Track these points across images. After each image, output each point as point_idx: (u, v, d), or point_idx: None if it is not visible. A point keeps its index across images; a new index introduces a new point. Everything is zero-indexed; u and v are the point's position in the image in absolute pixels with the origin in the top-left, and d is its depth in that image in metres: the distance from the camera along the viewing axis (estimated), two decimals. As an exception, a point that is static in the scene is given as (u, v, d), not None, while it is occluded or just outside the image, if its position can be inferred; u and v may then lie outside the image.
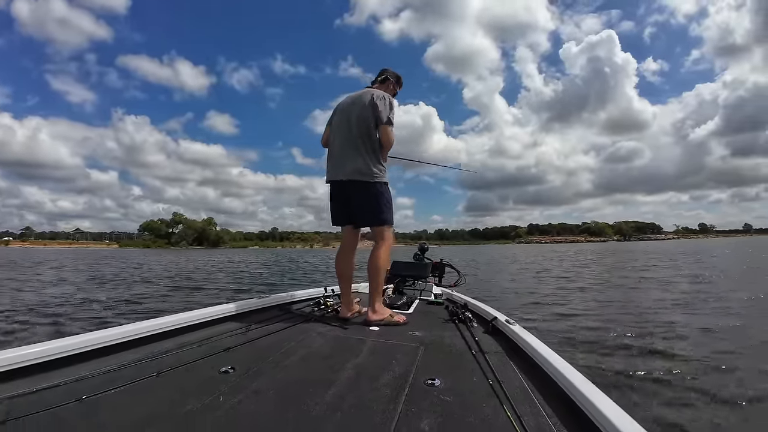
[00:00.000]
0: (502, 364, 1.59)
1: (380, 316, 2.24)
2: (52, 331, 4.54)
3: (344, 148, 2.36)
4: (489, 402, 1.23)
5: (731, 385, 2.81)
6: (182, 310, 2.17)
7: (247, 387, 1.32)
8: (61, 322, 5.20)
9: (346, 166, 2.33)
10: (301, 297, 2.91)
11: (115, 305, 6.58)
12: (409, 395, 1.27)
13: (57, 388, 1.29)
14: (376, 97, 2.36)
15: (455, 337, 2.01)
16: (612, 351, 3.74)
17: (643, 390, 2.84)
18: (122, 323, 1.89)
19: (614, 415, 0.97)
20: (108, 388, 1.28)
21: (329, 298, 2.65)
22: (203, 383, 1.35)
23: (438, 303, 2.93)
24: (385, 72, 2.62)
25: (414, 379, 1.42)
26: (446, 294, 3.23)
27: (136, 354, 1.63)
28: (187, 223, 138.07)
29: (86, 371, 1.42)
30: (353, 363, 1.58)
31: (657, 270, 12.86)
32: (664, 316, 5.28)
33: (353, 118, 2.36)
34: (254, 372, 1.46)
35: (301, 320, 2.29)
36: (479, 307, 2.53)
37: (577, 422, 1.09)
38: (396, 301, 2.80)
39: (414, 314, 2.59)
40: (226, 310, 2.26)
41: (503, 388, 1.31)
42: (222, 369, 1.47)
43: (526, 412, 1.16)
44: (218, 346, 1.73)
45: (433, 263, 3.60)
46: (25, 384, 1.30)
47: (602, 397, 1.09)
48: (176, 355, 1.63)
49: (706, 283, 8.80)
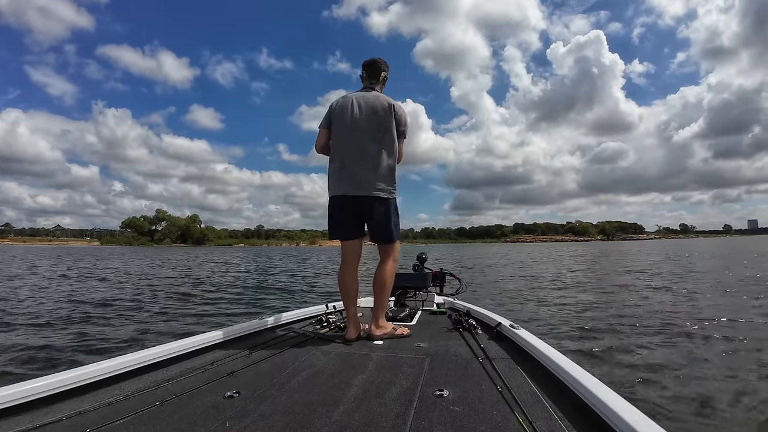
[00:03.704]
0: (509, 369, 1.58)
1: (383, 330, 2.17)
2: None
3: (361, 160, 2.16)
4: (499, 409, 1.22)
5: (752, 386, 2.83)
6: (185, 335, 2.10)
7: (254, 411, 1.29)
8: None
9: (366, 180, 2.15)
10: (302, 315, 2.86)
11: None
12: (418, 408, 1.26)
13: (60, 422, 1.25)
14: (397, 107, 2.21)
15: (460, 345, 2.00)
16: (619, 351, 3.77)
17: (657, 389, 2.84)
18: (121, 353, 1.85)
19: (629, 416, 0.96)
20: (111, 420, 1.24)
21: (331, 315, 2.59)
22: (208, 409, 1.32)
23: (441, 312, 2.92)
24: (381, 68, 2.35)
25: (422, 391, 1.40)
26: (448, 303, 3.21)
27: (138, 383, 1.59)
28: (171, 220, 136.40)
29: (89, 404, 1.39)
30: (359, 379, 1.55)
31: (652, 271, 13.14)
32: (668, 315, 5.36)
33: (371, 126, 2.17)
34: (260, 395, 1.43)
35: (304, 339, 2.25)
36: (482, 313, 2.50)
37: (591, 424, 1.08)
38: (398, 313, 2.75)
39: (417, 325, 2.56)
40: (228, 333, 2.22)
41: (512, 393, 1.31)
42: (227, 394, 1.43)
43: (537, 416, 1.15)
44: (222, 371, 1.69)
45: (433, 273, 3.58)
46: (27, 420, 1.26)
47: (615, 397, 1.08)
48: (179, 383, 1.59)
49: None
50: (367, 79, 2.36)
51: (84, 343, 4.40)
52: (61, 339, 4.54)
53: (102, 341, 4.47)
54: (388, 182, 2.18)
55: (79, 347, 4.21)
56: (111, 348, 4.16)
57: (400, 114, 2.22)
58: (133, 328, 5.14)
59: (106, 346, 4.24)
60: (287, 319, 2.70)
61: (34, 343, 4.30)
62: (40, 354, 3.92)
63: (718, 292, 7.66)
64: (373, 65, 2.35)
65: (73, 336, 4.71)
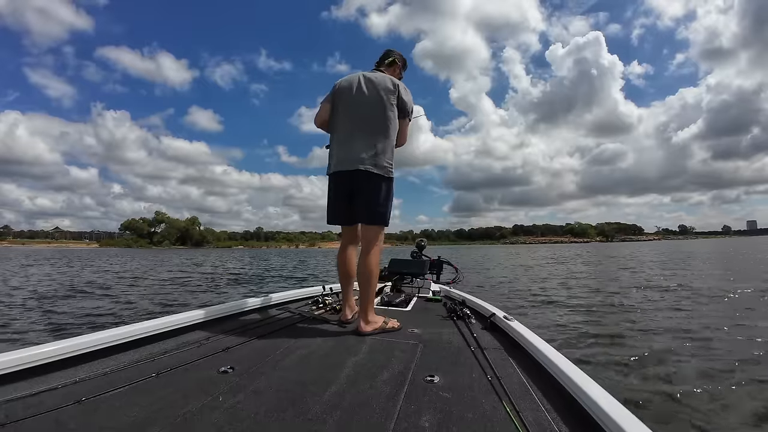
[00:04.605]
0: (500, 360, 1.60)
1: (373, 325, 2.05)
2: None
3: (358, 134, 2.12)
4: (488, 398, 1.24)
5: (731, 378, 2.87)
6: (182, 310, 2.11)
7: (247, 387, 1.31)
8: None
9: (359, 154, 2.08)
10: (299, 296, 2.88)
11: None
12: (408, 392, 1.27)
13: (56, 390, 1.27)
14: (401, 87, 2.18)
15: (454, 333, 2.01)
16: (610, 348, 3.80)
17: (639, 384, 2.88)
18: (121, 324, 1.86)
19: (612, 409, 0.98)
20: (107, 389, 1.26)
21: (327, 297, 2.60)
22: (203, 383, 1.33)
23: (436, 300, 2.93)
24: (391, 53, 2.37)
25: (413, 376, 1.42)
26: (444, 291, 3.22)
27: (135, 355, 1.61)
28: (170, 222, 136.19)
29: (85, 373, 1.40)
30: (352, 361, 1.57)
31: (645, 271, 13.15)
32: (658, 314, 5.41)
33: (372, 102, 2.13)
34: (253, 372, 1.45)
35: (300, 319, 2.26)
36: (477, 303, 2.52)
37: (576, 417, 1.10)
38: (394, 298, 2.78)
39: (412, 311, 2.57)
40: (224, 309, 2.23)
41: (502, 383, 1.32)
42: (221, 369, 1.45)
43: (525, 407, 1.17)
44: (217, 346, 1.71)
45: (431, 260, 3.59)
46: (24, 387, 1.28)
47: (600, 391, 1.09)
48: (175, 356, 1.61)
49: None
50: (376, 63, 2.39)
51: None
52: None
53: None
54: (382, 159, 2.10)
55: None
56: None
57: (403, 94, 2.19)
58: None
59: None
60: (284, 298, 2.71)
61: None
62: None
63: (721, 297, 7.66)
64: (384, 52, 2.41)
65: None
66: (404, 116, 2.21)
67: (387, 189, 2.15)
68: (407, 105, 2.20)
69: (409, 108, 2.22)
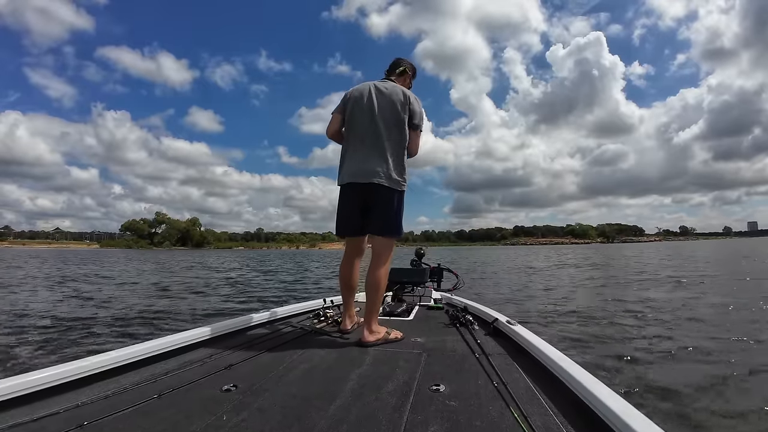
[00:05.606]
0: (505, 365, 1.59)
1: (376, 336, 2.06)
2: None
3: (370, 146, 2.13)
4: (495, 404, 1.23)
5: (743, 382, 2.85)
6: (183, 329, 2.10)
7: (251, 404, 1.29)
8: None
9: (373, 168, 2.10)
10: (300, 310, 2.86)
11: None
12: (414, 403, 1.26)
13: (58, 415, 1.25)
14: (412, 98, 2.19)
15: (457, 341, 2.00)
16: (616, 348, 3.78)
17: (651, 384, 2.85)
18: (121, 346, 1.84)
19: (623, 411, 0.97)
20: (109, 413, 1.24)
21: (329, 310, 2.58)
22: (206, 403, 1.32)
23: (438, 308, 2.92)
24: (402, 63, 2.38)
25: (418, 386, 1.41)
26: (446, 298, 3.22)
27: (136, 376, 1.59)
28: (171, 223, 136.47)
29: (87, 397, 1.38)
30: (356, 374, 1.56)
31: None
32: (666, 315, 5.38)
33: (386, 115, 2.14)
34: (257, 389, 1.43)
35: (302, 333, 2.25)
36: (479, 309, 2.51)
37: (586, 419, 1.09)
38: (396, 308, 2.77)
39: (415, 321, 2.56)
40: (225, 327, 2.22)
41: (508, 389, 1.31)
42: (224, 387, 1.43)
43: (533, 412, 1.16)
44: (220, 364, 1.69)
45: (431, 268, 3.59)
46: (25, 412, 1.26)
47: (609, 392, 1.08)
48: (177, 376, 1.59)
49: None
50: (386, 72, 2.39)
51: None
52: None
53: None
54: (396, 172, 2.12)
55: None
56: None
57: (415, 105, 2.19)
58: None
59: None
60: (285, 313, 2.70)
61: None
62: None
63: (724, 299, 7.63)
64: (394, 61, 2.41)
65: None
66: (416, 127, 2.21)
67: (399, 201, 2.17)
68: (418, 116, 2.20)
69: (421, 119, 2.22)
